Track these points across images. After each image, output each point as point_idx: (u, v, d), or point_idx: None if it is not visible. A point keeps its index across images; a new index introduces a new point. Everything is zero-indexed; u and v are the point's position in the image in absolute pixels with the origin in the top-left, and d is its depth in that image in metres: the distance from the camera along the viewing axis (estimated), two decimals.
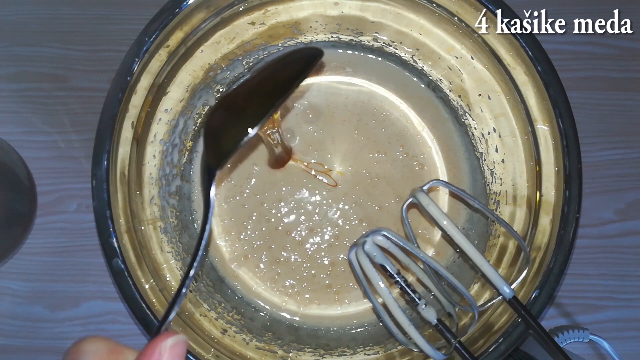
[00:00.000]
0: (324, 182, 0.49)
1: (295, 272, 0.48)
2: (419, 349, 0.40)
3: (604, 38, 0.54)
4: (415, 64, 0.49)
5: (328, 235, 0.48)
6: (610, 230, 0.51)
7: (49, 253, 0.50)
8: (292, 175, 0.49)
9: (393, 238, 0.39)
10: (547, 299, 0.39)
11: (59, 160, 0.51)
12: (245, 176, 0.49)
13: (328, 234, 0.48)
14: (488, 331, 0.40)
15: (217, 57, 0.46)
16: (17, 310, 0.50)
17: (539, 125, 0.42)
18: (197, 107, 0.48)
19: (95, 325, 0.49)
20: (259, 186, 0.48)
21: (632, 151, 0.52)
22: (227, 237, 0.48)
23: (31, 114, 0.52)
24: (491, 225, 0.47)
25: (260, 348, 0.44)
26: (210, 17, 0.43)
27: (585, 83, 0.53)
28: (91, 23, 0.53)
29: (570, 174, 0.39)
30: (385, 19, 0.46)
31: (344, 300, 0.48)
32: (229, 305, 0.47)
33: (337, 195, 0.49)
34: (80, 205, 0.51)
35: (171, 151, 0.46)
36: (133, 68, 0.39)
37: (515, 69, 0.42)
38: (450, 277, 0.39)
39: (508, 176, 0.45)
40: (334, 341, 0.47)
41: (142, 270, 0.40)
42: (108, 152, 0.39)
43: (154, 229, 0.44)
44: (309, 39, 0.49)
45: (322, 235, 0.48)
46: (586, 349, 0.49)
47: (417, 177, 0.49)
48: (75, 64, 0.52)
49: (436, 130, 0.50)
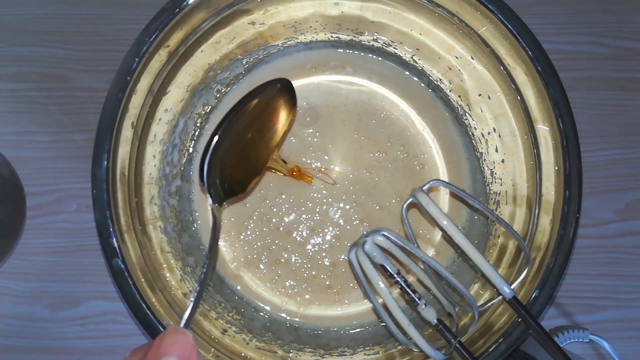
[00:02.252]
0: (324, 181, 0.49)
1: (296, 272, 0.48)
2: (419, 349, 0.40)
3: (604, 38, 0.54)
4: (416, 64, 0.49)
5: (329, 235, 0.48)
6: (610, 230, 0.51)
7: (49, 253, 0.50)
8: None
9: (393, 238, 0.39)
10: (547, 299, 0.39)
11: (59, 160, 0.51)
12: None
13: (329, 234, 0.48)
14: (488, 331, 0.40)
15: (217, 57, 0.46)
16: (17, 310, 0.50)
17: (539, 125, 0.42)
18: (197, 107, 0.48)
19: (95, 325, 0.50)
20: (262, 184, 0.48)
21: (632, 151, 0.52)
22: (227, 237, 0.48)
23: (31, 114, 0.52)
24: (491, 225, 0.47)
25: (260, 348, 0.44)
26: (210, 17, 0.43)
27: (585, 83, 0.53)
28: (91, 23, 0.53)
29: (570, 174, 0.39)
30: (385, 19, 0.46)
31: (344, 300, 0.48)
32: (229, 305, 0.47)
33: (338, 195, 0.49)
34: (80, 205, 0.51)
35: (171, 151, 0.46)
36: (133, 68, 0.39)
37: (515, 69, 0.42)
38: (450, 277, 0.39)
39: (508, 176, 0.45)
40: (334, 341, 0.47)
41: (142, 270, 0.40)
42: (108, 152, 0.39)
43: (154, 229, 0.44)
44: (309, 39, 0.49)
45: (323, 236, 0.48)
46: (586, 349, 0.49)
47: (418, 176, 0.49)
48: (75, 64, 0.52)
49: (436, 130, 0.50)
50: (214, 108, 0.50)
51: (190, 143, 0.49)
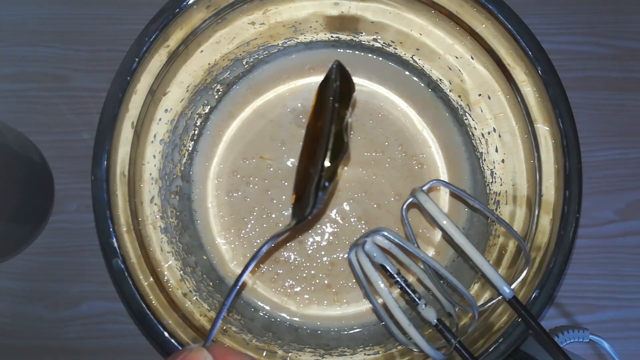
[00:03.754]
0: None
1: (295, 272, 0.48)
2: (419, 349, 0.40)
3: (604, 38, 0.54)
4: (416, 63, 0.49)
5: (327, 233, 0.48)
6: (610, 230, 0.51)
7: (49, 253, 0.50)
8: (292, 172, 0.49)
9: (393, 238, 0.39)
10: (547, 299, 0.39)
11: (59, 160, 0.51)
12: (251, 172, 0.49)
13: (327, 232, 0.48)
14: (488, 331, 0.40)
15: (217, 57, 0.46)
16: (17, 310, 0.50)
17: (539, 125, 0.42)
18: (197, 107, 0.48)
19: (95, 325, 0.50)
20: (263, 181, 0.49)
21: (632, 151, 0.52)
22: (227, 234, 0.48)
23: (31, 114, 0.52)
24: (491, 225, 0.47)
25: (260, 348, 0.44)
26: (210, 17, 0.43)
27: (585, 83, 0.53)
28: (91, 23, 0.53)
29: (570, 174, 0.39)
30: (385, 19, 0.46)
31: (343, 300, 0.48)
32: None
33: (337, 194, 0.49)
34: (80, 205, 0.51)
35: (171, 151, 0.46)
36: (133, 68, 0.39)
37: (515, 69, 0.42)
38: (450, 277, 0.39)
39: (508, 176, 0.45)
40: (334, 341, 0.47)
41: (142, 270, 0.40)
42: (108, 152, 0.39)
43: (154, 229, 0.44)
44: (309, 39, 0.49)
45: (322, 234, 0.48)
46: (586, 349, 0.49)
47: (417, 176, 0.49)
48: (75, 64, 0.52)
49: (436, 130, 0.50)
50: (213, 108, 0.50)
51: (190, 143, 0.49)
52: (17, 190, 0.45)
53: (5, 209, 0.44)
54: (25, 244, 0.49)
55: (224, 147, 0.49)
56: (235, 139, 0.49)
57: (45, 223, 0.50)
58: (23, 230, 0.48)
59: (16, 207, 0.45)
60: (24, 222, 0.48)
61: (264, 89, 0.50)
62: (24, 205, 0.46)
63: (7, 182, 0.44)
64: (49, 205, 0.50)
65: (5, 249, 0.48)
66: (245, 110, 0.50)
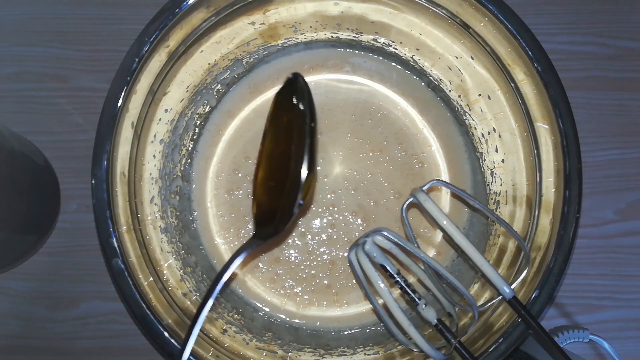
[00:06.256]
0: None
1: (295, 271, 0.48)
2: (419, 349, 0.40)
3: (604, 38, 0.54)
4: (416, 63, 0.49)
5: (327, 232, 0.48)
6: (610, 230, 0.51)
7: (49, 253, 0.50)
8: None
9: (393, 238, 0.39)
10: (547, 299, 0.39)
11: (59, 160, 0.51)
12: (251, 171, 0.49)
13: (327, 231, 0.48)
14: (488, 331, 0.40)
15: (217, 57, 0.46)
16: (17, 310, 0.50)
17: (538, 124, 0.42)
18: (197, 107, 0.48)
19: (95, 325, 0.49)
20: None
21: (632, 151, 0.52)
22: (227, 234, 0.48)
23: (31, 114, 0.52)
24: (491, 225, 0.47)
25: (260, 348, 0.44)
26: (210, 17, 0.43)
27: (585, 83, 0.53)
28: (91, 23, 0.53)
29: (570, 174, 0.39)
30: (385, 19, 0.46)
31: (343, 300, 0.48)
32: (229, 305, 0.47)
33: (335, 192, 0.49)
34: (80, 205, 0.51)
35: (171, 151, 0.46)
36: (133, 68, 0.39)
37: (515, 69, 0.42)
38: (450, 277, 0.39)
39: (508, 176, 0.45)
40: (334, 341, 0.47)
41: (142, 270, 0.40)
42: (108, 152, 0.39)
43: (154, 228, 0.44)
44: (309, 38, 0.49)
45: (321, 233, 0.48)
46: (586, 349, 0.49)
47: (417, 175, 0.49)
48: (75, 64, 0.52)
49: (437, 129, 0.50)
50: (214, 108, 0.50)
51: (190, 143, 0.49)
52: (24, 200, 0.45)
53: (11, 218, 0.44)
54: (30, 253, 0.49)
55: (223, 146, 0.49)
56: (235, 138, 0.49)
57: (51, 230, 0.50)
58: (29, 240, 0.48)
59: (23, 216, 0.45)
60: (30, 232, 0.47)
61: (264, 89, 0.50)
62: (30, 215, 0.46)
63: (14, 192, 0.43)
64: (55, 212, 0.50)
65: (11, 258, 0.48)
66: (244, 110, 0.50)
